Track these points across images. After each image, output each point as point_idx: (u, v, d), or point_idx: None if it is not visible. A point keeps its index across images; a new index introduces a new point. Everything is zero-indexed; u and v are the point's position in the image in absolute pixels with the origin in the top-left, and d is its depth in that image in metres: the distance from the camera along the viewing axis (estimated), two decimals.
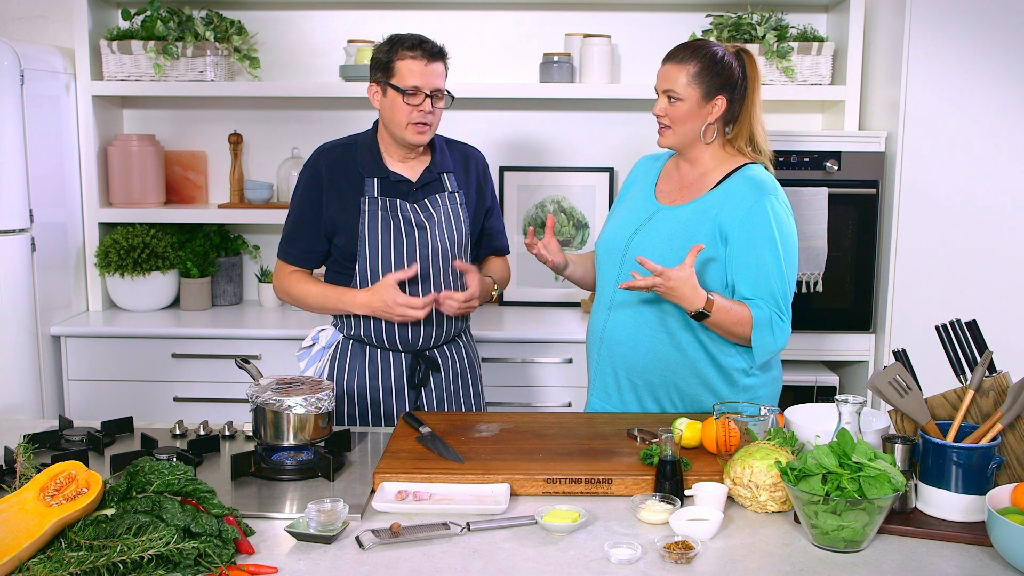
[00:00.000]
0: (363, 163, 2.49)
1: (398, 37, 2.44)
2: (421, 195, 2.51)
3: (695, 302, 2.19)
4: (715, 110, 2.32)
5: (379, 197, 2.47)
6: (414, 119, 2.41)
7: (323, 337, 2.58)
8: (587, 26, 3.74)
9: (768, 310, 2.26)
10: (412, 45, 2.40)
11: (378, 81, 2.45)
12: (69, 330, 3.39)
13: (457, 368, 2.62)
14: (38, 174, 3.30)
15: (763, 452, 1.84)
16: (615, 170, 3.80)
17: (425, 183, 2.51)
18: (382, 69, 2.43)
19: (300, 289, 2.54)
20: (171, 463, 1.72)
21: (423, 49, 2.40)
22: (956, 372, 1.94)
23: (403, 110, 2.41)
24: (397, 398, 2.53)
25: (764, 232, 2.26)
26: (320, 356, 2.58)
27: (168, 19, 3.57)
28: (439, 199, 2.52)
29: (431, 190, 2.52)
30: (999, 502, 1.69)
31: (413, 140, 2.45)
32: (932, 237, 3.23)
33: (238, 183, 3.79)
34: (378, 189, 2.48)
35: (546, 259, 2.48)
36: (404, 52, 2.40)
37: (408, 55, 2.39)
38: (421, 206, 2.49)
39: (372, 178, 2.48)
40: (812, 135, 3.35)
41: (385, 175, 2.48)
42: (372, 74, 2.47)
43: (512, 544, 1.70)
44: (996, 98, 3.15)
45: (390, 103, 2.43)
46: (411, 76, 2.39)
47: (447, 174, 2.55)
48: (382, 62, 2.43)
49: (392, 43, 2.43)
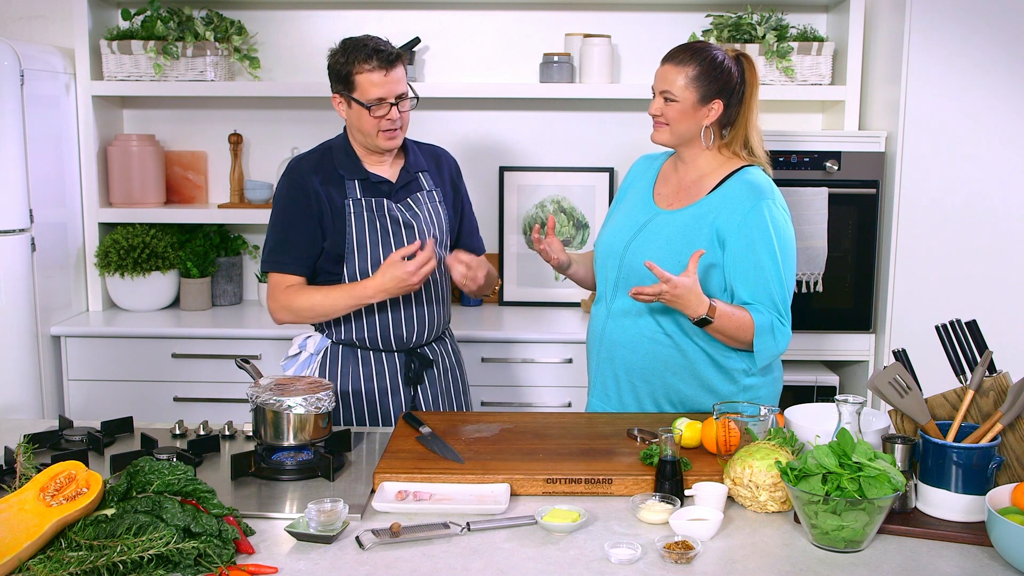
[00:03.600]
0: (342, 165, 2.48)
1: (351, 44, 2.39)
2: (403, 194, 2.51)
3: (698, 309, 2.19)
4: (711, 114, 2.32)
5: (363, 198, 2.47)
6: (383, 127, 2.41)
7: (310, 344, 2.55)
8: (587, 26, 3.74)
9: (769, 315, 2.26)
10: (367, 56, 2.36)
11: (340, 93, 2.42)
12: (69, 330, 3.39)
13: (447, 364, 2.64)
14: (38, 174, 3.30)
15: (763, 452, 1.84)
16: (615, 170, 3.80)
17: (405, 183, 2.52)
18: (342, 82, 2.40)
19: (302, 300, 2.44)
20: (171, 463, 1.72)
21: (379, 59, 2.36)
22: (956, 372, 1.94)
23: (370, 122, 2.40)
24: (393, 397, 2.53)
25: (762, 236, 2.25)
26: (308, 363, 2.54)
27: (168, 19, 3.57)
28: (420, 197, 2.54)
29: (411, 189, 2.53)
30: (999, 502, 1.69)
31: (385, 146, 2.45)
32: (932, 237, 3.23)
33: (238, 183, 3.79)
34: (360, 190, 2.48)
35: (550, 257, 2.48)
36: (361, 65, 2.35)
37: (366, 68, 2.35)
38: (405, 205, 2.50)
39: (353, 180, 2.47)
40: (812, 135, 3.35)
41: (365, 176, 2.48)
42: (333, 84, 2.44)
43: (512, 544, 1.70)
44: (996, 98, 3.16)
45: (356, 115, 2.41)
46: (372, 88, 2.36)
47: (422, 173, 2.57)
48: (341, 75, 2.39)
49: (347, 53, 2.38)
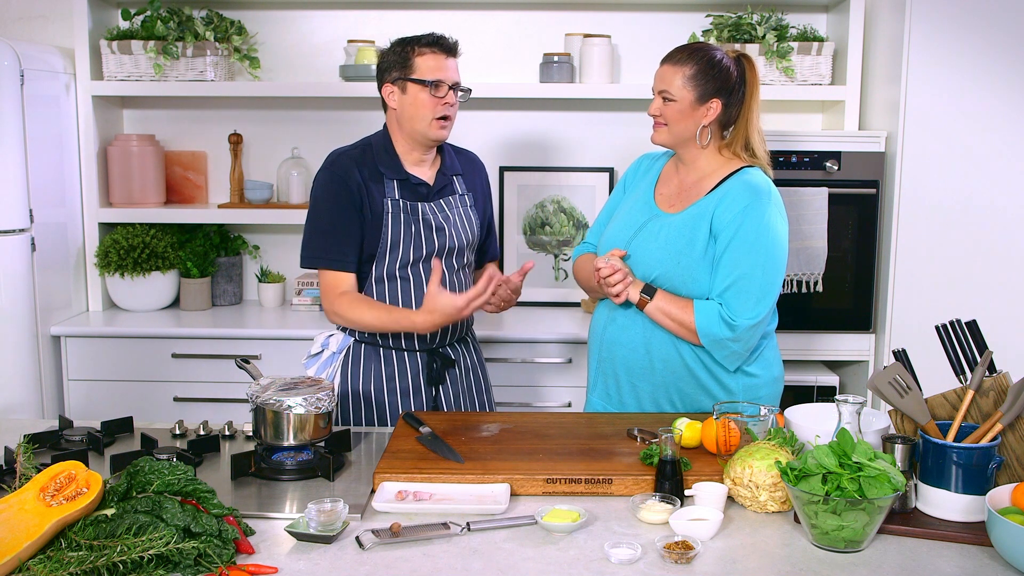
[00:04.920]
0: (383, 164, 2.47)
1: (410, 37, 2.45)
2: (437, 197, 2.52)
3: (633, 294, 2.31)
4: (710, 113, 2.32)
5: (400, 199, 2.47)
6: (438, 113, 2.42)
7: (333, 343, 2.56)
8: (587, 26, 3.74)
9: (714, 304, 2.28)
10: (430, 42, 2.42)
11: (395, 80, 2.44)
12: (69, 330, 3.39)
13: (469, 365, 2.64)
14: (38, 174, 3.30)
15: (763, 452, 1.84)
16: (615, 170, 3.80)
17: (441, 186, 2.53)
18: (399, 68, 2.42)
19: (353, 314, 2.43)
20: (171, 463, 1.72)
21: (440, 45, 2.42)
22: (956, 372, 1.94)
23: (428, 104, 2.41)
24: (415, 398, 2.52)
25: (750, 238, 2.25)
26: (331, 362, 2.55)
27: (168, 19, 3.57)
28: (452, 200, 2.55)
29: (445, 192, 2.54)
30: (999, 502, 1.69)
31: (436, 135, 2.45)
32: (932, 237, 3.23)
33: (238, 183, 3.79)
34: (399, 191, 2.47)
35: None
36: (422, 48, 2.41)
37: (427, 51, 2.41)
38: (437, 207, 2.51)
39: (393, 180, 2.47)
40: (812, 135, 3.35)
41: (405, 177, 2.48)
42: (386, 75, 2.45)
43: (512, 544, 1.70)
44: (996, 98, 3.15)
45: (412, 99, 2.42)
46: (432, 70, 2.40)
47: (456, 176, 2.58)
48: (396, 61, 2.43)
49: (406, 42, 2.44)
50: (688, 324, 2.28)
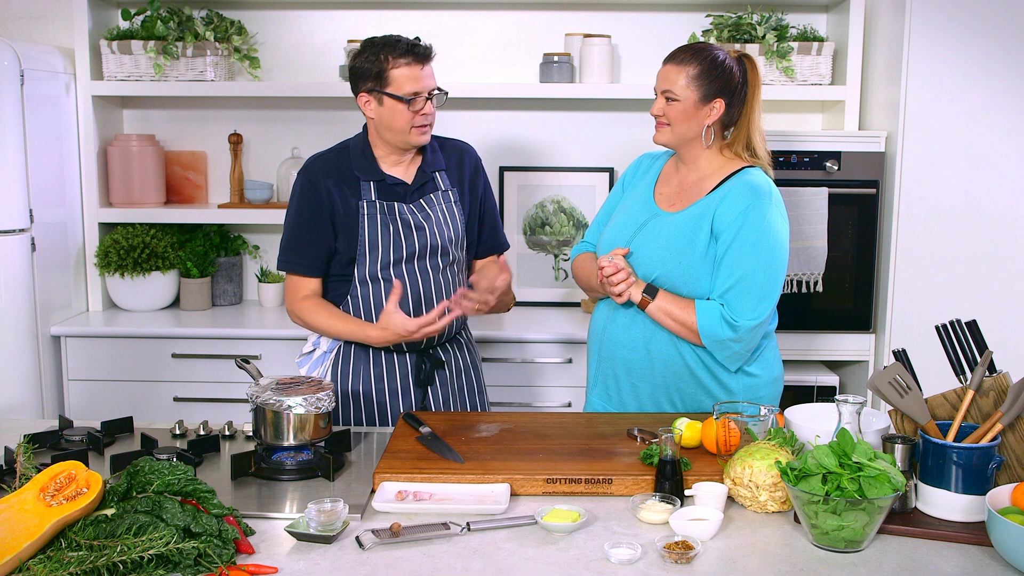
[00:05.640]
0: (358, 167, 2.47)
1: (381, 42, 2.38)
2: (417, 196, 2.50)
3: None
4: (712, 113, 2.32)
5: (376, 200, 2.46)
6: (417, 123, 2.40)
7: (323, 342, 2.56)
8: (587, 26, 3.74)
9: (715, 304, 2.28)
10: (404, 51, 2.35)
11: (370, 91, 2.39)
12: (69, 330, 3.39)
13: (461, 366, 2.63)
14: (38, 174, 3.30)
15: (763, 452, 1.84)
16: (615, 170, 3.80)
17: (420, 184, 2.51)
18: (373, 78, 2.37)
19: (312, 318, 2.47)
20: (171, 463, 1.72)
21: (415, 54, 2.36)
22: (956, 372, 1.94)
23: (405, 117, 2.38)
24: (404, 398, 2.53)
25: (750, 238, 2.25)
26: (322, 361, 2.56)
27: (168, 19, 3.57)
28: (434, 198, 2.52)
29: (426, 190, 2.52)
30: (999, 502, 1.69)
31: (417, 142, 2.44)
32: (932, 237, 3.23)
33: (238, 183, 3.79)
34: (375, 192, 2.47)
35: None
36: (396, 60, 2.35)
37: (401, 63, 2.35)
38: (417, 206, 2.49)
39: (368, 181, 2.47)
40: (812, 135, 3.35)
41: (381, 178, 2.47)
42: (360, 83, 2.40)
43: (512, 544, 1.70)
44: (996, 98, 3.15)
45: (389, 112, 2.39)
46: (408, 83, 2.36)
47: (439, 172, 2.55)
48: (371, 72, 2.37)
49: (378, 49, 2.37)
50: (690, 324, 2.28)
